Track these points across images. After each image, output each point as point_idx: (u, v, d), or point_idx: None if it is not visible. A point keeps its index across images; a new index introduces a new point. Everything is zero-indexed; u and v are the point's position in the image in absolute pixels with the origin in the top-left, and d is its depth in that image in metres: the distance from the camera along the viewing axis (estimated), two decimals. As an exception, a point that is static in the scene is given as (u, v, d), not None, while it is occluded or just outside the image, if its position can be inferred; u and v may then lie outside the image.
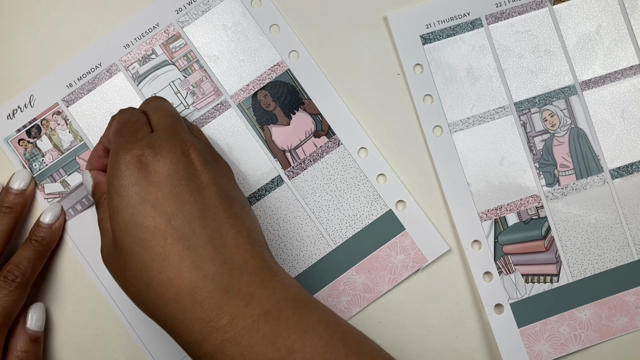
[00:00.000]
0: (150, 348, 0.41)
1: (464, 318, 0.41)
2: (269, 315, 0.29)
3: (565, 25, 0.42)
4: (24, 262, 0.38)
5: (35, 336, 0.39)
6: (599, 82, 0.42)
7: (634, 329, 0.40)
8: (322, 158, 0.41)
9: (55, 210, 0.40)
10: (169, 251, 0.29)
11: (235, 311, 0.29)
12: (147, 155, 0.31)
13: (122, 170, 0.30)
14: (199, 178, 0.31)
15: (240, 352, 0.28)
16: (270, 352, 0.28)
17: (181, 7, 0.42)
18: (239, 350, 0.28)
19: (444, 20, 0.42)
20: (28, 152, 0.41)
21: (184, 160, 0.31)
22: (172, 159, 0.31)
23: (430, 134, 0.41)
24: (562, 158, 0.41)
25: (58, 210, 0.41)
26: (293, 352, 0.28)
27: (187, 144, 0.32)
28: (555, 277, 0.41)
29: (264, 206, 0.41)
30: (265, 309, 0.29)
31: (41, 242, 0.39)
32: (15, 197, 0.40)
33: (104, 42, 0.42)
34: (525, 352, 0.40)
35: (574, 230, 0.41)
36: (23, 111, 0.41)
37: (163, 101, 0.36)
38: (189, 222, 0.30)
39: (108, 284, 0.41)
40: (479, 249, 0.41)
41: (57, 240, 0.41)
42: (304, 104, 0.42)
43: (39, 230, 0.40)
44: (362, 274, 0.41)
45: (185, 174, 0.31)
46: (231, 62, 0.42)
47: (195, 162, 0.32)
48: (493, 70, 0.42)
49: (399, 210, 0.41)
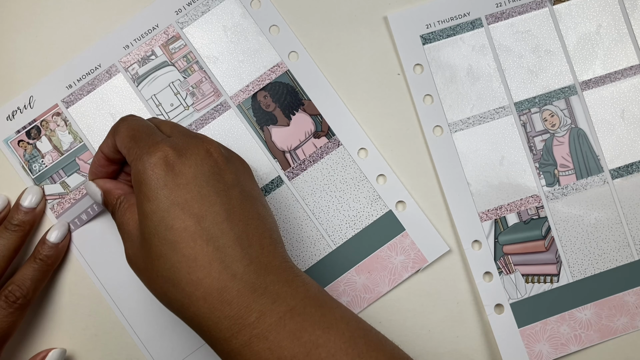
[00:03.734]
0: (150, 348, 0.41)
1: (464, 318, 0.41)
2: (294, 311, 0.30)
3: (565, 25, 0.42)
4: (27, 282, 0.38)
5: None
6: (599, 82, 0.42)
7: (634, 329, 0.40)
8: (322, 159, 0.41)
9: (62, 230, 0.40)
10: (198, 252, 0.30)
11: (262, 308, 0.29)
12: (172, 157, 0.31)
13: (149, 174, 0.31)
14: (224, 178, 0.32)
15: (268, 347, 0.29)
16: (297, 347, 0.29)
17: (181, 8, 0.42)
18: (267, 345, 0.29)
19: (444, 20, 0.42)
20: (28, 153, 0.41)
21: (208, 161, 0.32)
22: (196, 159, 0.31)
23: (430, 134, 0.41)
24: (562, 158, 0.41)
25: (65, 229, 0.40)
26: (318, 346, 0.29)
27: (208, 144, 0.32)
28: (555, 277, 0.41)
29: (264, 207, 0.41)
30: (290, 306, 0.30)
31: (46, 262, 0.39)
32: (24, 215, 0.40)
33: (103, 43, 0.42)
34: (525, 352, 0.40)
35: (574, 230, 0.41)
36: (23, 112, 0.41)
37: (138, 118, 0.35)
38: (218, 223, 0.30)
39: (108, 285, 0.41)
40: (479, 249, 0.41)
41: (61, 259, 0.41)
42: (303, 104, 0.42)
43: (44, 249, 0.39)
44: (362, 275, 0.41)
45: (212, 175, 0.31)
46: (231, 63, 0.42)
47: (218, 161, 0.32)
48: (493, 70, 0.42)
49: (399, 210, 0.41)
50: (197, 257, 0.30)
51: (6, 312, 0.37)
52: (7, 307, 0.37)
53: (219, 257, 0.30)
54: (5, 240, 0.39)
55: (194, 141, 0.32)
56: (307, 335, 0.29)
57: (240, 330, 0.29)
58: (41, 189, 0.41)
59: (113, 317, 0.41)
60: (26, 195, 0.40)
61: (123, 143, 0.33)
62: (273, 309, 0.30)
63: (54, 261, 0.40)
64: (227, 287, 0.30)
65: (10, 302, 0.37)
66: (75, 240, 0.41)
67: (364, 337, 0.30)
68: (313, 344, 0.29)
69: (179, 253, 0.30)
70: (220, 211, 0.31)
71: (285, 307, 0.30)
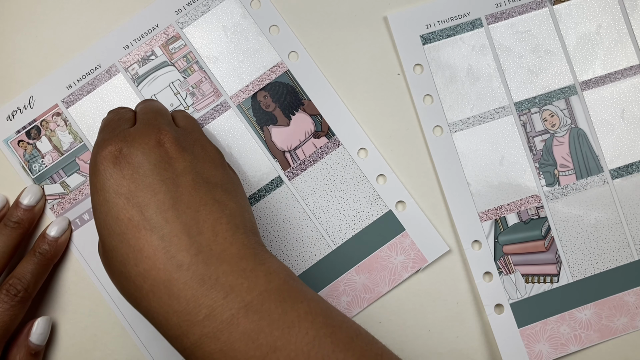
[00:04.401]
0: (150, 349, 0.41)
1: (464, 318, 0.41)
2: (249, 308, 0.27)
3: (565, 25, 0.42)
4: (27, 276, 0.38)
5: (36, 350, 0.39)
6: (599, 82, 0.42)
7: (634, 329, 0.40)
8: (321, 159, 0.41)
9: (62, 224, 0.40)
10: (143, 243, 0.28)
11: (212, 304, 0.27)
12: (122, 149, 0.30)
13: (98, 167, 0.30)
14: (173, 166, 0.30)
15: (219, 349, 0.27)
16: (251, 350, 0.27)
17: (181, 8, 0.42)
18: (219, 346, 0.27)
19: (444, 20, 0.42)
20: (28, 153, 0.41)
21: (157, 150, 0.31)
22: (144, 149, 0.30)
23: (430, 134, 0.41)
24: (562, 158, 0.41)
25: (65, 224, 0.40)
26: (275, 350, 0.27)
27: (162, 134, 0.31)
28: (555, 277, 0.41)
29: (263, 207, 0.41)
30: (245, 302, 0.27)
31: (45, 255, 0.39)
32: (24, 213, 0.40)
33: (103, 43, 0.42)
34: (525, 352, 0.40)
35: (574, 230, 0.41)
36: (23, 112, 0.41)
37: (151, 100, 0.37)
38: (162, 211, 0.29)
39: (108, 285, 0.41)
40: (479, 249, 0.41)
41: (61, 254, 0.41)
42: (303, 104, 0.42)
43: (43, 243, 0.39)
44: (362, 275, 0.41)
45: (158, 163, 0.30)
46: (231, 63, 0.42)
47: (169, 150, 0.31)
48: (493, 70, 0.42)
49: (399, 210, 0.41)
50: (142, 248, 0.28)
51: (8, 305, 0.37)
52: (9, 300, 0.37)
53: (163, 246, 0.28)
54: (4, 237, 0.39)
55: (146, 131, 0.31)
56: (264, 336, 0.27)
57: (189, 328, 0.27)
58: (41, 188, 0.41)
59: (113, 317, 0.41)
60: (26, 193, 0.40)
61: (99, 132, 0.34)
62: (224, 304, 0.27)
63: (53, 255, 0.40)
64: (173, 278, 0.28)
65: (12, 295, 0.37)
66: (75, 240, 0.41)
67: (332, 335, 0.28)
68: (270, 347, 0.27)
69: (125, 244, 0.29)
70: (165, 199, 0.29)
71: (240, 302, 0.27)
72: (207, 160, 0.32)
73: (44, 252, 0.39)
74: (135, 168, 0.30)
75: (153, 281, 0.28)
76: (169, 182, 0.30)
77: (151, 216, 0.29)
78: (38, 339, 0.39)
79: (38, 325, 0.39)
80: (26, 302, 0.38)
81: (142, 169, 0.30)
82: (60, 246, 0.40)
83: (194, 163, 0.31)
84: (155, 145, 0.31)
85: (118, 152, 0.30)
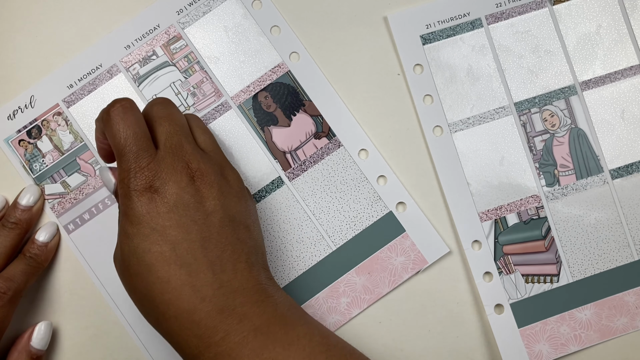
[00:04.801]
0: (150, 349, 0.41)
1: (464, 318, 0.41)
2: (258, 330, 0.31)
3: (565, 26, 0.42)
4: (17, 275, 0.38)
5: (37, 355, 0.39)
6: (599, 82, 0.42)
7: (634, 329, 0.41)
8: (322, 159, 0.41)
9: (50, 230, 0.40)
10: (171, 276, 0.31)
11: (228, 328, 0.31)
12: (154, 183, 0.32)
13: (132, 199, 0.32)
14: (204, 205, 0.33)
15: None
16: None
17: (182, 8, 0.42)
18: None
19: (444, 21, 0.42)
20: (28, 152, 0.41)
21: (189, 189, 0.33)
22: (177, 189, 0.32)
23: (430, 134, 0.41)
24: (562, 158, 0.41)
25: (54, 229, 0.41)
26: None
27: (192, 170, 0.33)
28: (555, 277, 0.41)
29: (264, 207, 0.41)
30: (255, 326, 0.31)
31: (35, 259, 0.39)
32: (22, 213, 0.40)
33: (104, 42, 0.42)
34: (525, 352, 0.40)
35: (574, 230, 0.41)
36: (23, 112, 0.41)
37: (170, 107, 0.36)
38: (192, 250, 0.32)
39: (108, 285, 0.41)
40: (479, 249, 0.41)
41: (51, 259, 0.41)
42: (304, 105, 0.42)
43: (33, 247, 0.40)
44: (362, 276, 0.41)
45: (191, 204, 0.32)
46: (232, 63, 0.42)
47: (200, 188, 0.33)
48: (493, 71, 0.42)
49: (399, 211, 0.41)
50: (170, 280, 0.31)
51: None
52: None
53: (190, 281, 0.31)
54: (1, 238, 0.39)
55: (178, 167, 0.33)
56: (268, 352, 0.31)
57: (207, 347, 0.31)
58: (39, 188, 0.41)
59: (113, 317, 0.41)
60: (24, 193, 0.40)
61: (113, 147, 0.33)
62: (238, 328, 0.31)
63: (43, 260, 0.40)
64: (196, 308, 0.31)
65: (1, 293, 0.37)
66: (75, 240, 0.41)
67: (326, 352, 0.32)
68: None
69: (153, 275, 0.31)
70: (196, 239, 0.32)
71: (250, 326, 0.31)
72: (232, 194, 0.35)
73: (33, 256, 0.39)
74: (171, 207, 0.32)
75: (177, 310, 0.31)
76: (200, 222, 0.32)
77: (182, 254, 0.32)
78: (39, 343, 0.39)
79: (39, 330, 0.39)
80: (15, 301, 0.38)
81: (177, 208, 0.32)
82: (50, 251, 0.40)
83: (222, 200, 0.34)
84: (187, 184, 0.33)
85: (153, 188, 0.32)
